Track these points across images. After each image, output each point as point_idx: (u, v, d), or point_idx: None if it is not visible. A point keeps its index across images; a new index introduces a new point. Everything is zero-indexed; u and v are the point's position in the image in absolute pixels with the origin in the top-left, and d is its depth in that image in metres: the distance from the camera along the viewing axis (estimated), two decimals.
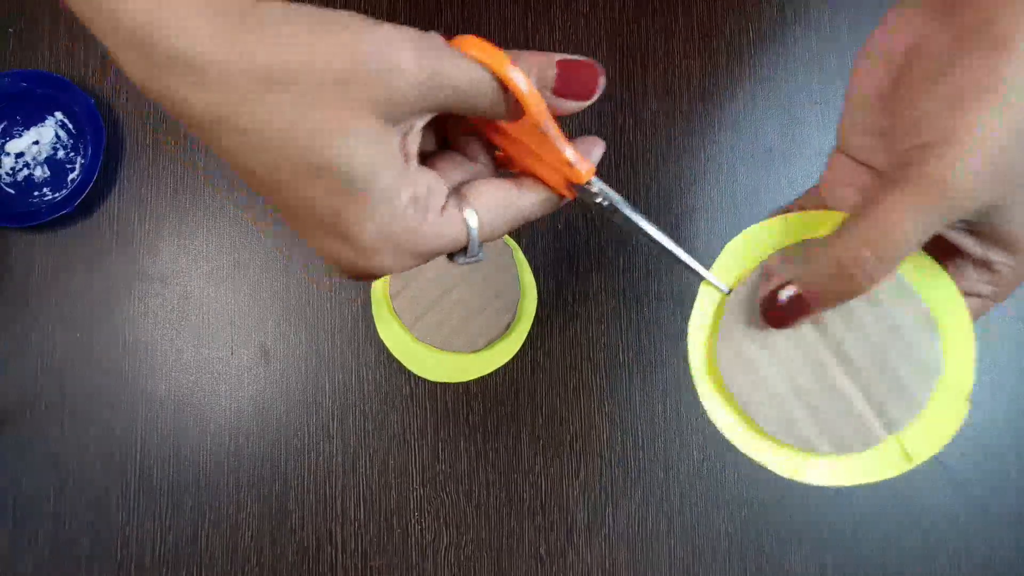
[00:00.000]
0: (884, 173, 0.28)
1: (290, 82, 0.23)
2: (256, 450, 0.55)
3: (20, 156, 0.57)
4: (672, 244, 0.30)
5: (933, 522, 0.55)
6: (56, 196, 0.57)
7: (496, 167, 0.30)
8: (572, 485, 0.55)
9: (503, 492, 0.55)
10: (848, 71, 0.61)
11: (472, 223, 0.27)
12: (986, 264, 0.29)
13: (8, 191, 0.57)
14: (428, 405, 0.56)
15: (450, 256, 0.29)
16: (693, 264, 0.31)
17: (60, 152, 0.58)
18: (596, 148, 0.29)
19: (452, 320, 0.54)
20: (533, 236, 0.57)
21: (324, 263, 0.27)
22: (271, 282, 0.57)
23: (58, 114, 0.58)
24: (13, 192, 0.57)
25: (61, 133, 0.58)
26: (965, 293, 0.30)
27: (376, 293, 0.55)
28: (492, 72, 0.26)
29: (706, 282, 0.31)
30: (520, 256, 0.56)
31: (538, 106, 0.26)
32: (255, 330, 0.56)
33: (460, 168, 0.29)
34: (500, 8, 0.59)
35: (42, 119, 0.58)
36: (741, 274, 0.31)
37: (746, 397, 0.31)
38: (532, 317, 0.55)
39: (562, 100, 0.27)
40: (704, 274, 0.31)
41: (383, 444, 0.55)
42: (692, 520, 0.55)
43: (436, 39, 0.25)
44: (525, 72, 0.26)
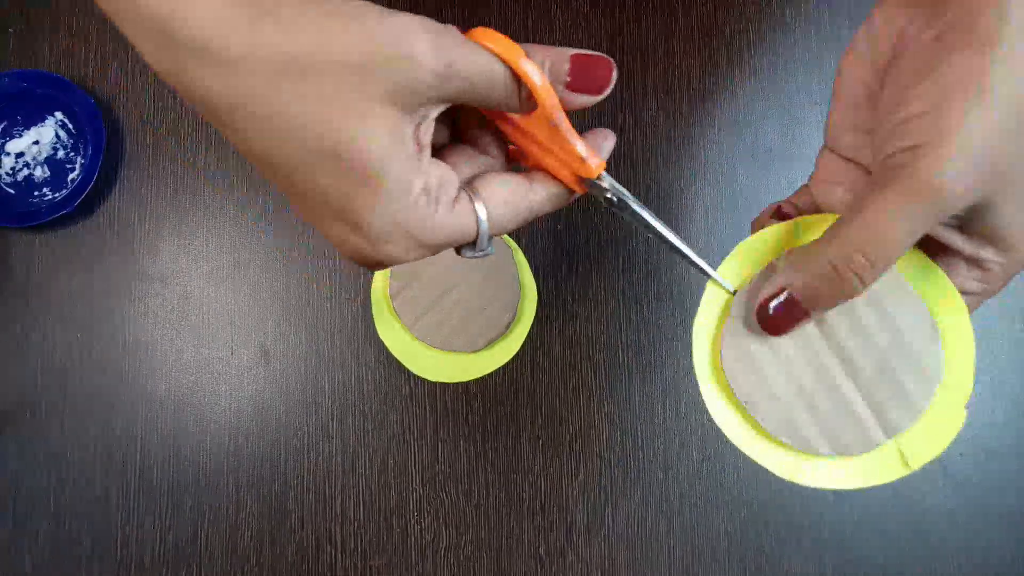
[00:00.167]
0: (872, 174, 0.28)
1: (307, 70, 0.23)
2: (256, 450, 0.55)
3: (20, 156, 0.57)
4: (680, 241, 0.30)
5: (933, 522, 0.55)
6: (56, 196, 0.57)
7: (508, 161, 0.30)
8: (572, 485, 0.55)
9: (503, 492, 0.55)
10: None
11: (482, 216, 0.27)
12: (976, 261, 0.29)
13: (8, 191, 0.57)
14: (428, 405, 0.56)
15: (458, 249, 0.29)
16: (699, 262, 0.31)
17: (60, 152, 0.58)
18: (607, 142, 0.30)
19: (452, 320, 0.54)
20: (533, 236, 0.57)
21: (335, 249, 0.27)
22: (271, 282, 0.57)
23: (58, 114, 0.58)
24: (13, 192, 0.57)
25: (61, 133, 0.58)
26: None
27: (376, 293, 0.55)
28: (506, 64, 0.26)
29: (713, 281, 0.32)
30: (520, 256, 0.56)
31: (550, 100, 0.27)
32: (255, 330, 0.56)
33: (472, 161, 0.29)
34: (501, 7, 0.59)
35: (42, 119, 0.58)
36: (749, 275, 0.32)
37: (748, 396, 0.31)
38: (532, 317, 0.55)
39: (574, 94, 0.27)
40: (710, 272, 0.31)
41: (383, 444, 0.55)
42: (691, 520, 0.55)
43: (452, 30, 0.25)
44: (539, 65, 0.26)
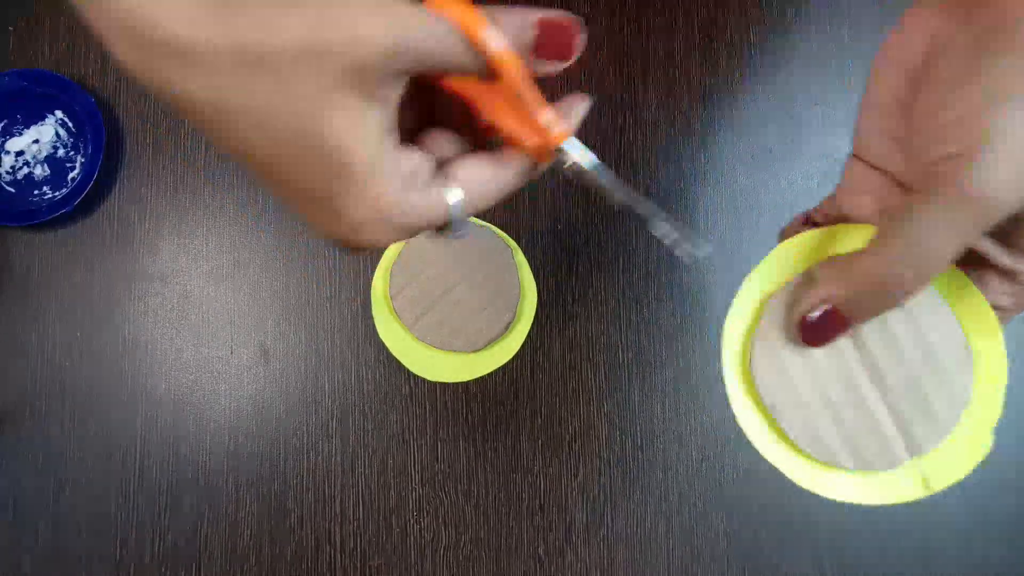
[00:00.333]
0: (912, 183, 0.27)
1: (266, 61, 0.23)
2: (255, 449, 0.55)
3: (20, 155, 0.57)
4: (644, 202, 0.30)
5: (932, 524, 0.55)
6: (56, 195, 0.57)
7: (482, 142, 0.30)
8: (571, 485, 0.55)
9: (502, 492, 0.55)
10: (848, 73, 0.61)
11: (456, 198, 0.27)
12: (1011, 275, 0.29)
13: (8, 190, 0.57)
14: (427, 405, 0.56)
15: (437, 231, 0.29)
16: (671, 223, 0.30)
17: (60, 151, 0.58)
18: (579, 105, 0.28)
19: (452, 320, 0.54)
20: (533, 236, 0.57)
21: (319, 237, 0.27)
22: (271, 281, 0.57)
23: (58, 113, 0.58)
24: (13, 191, 0.57)
25: (61, 132, 0.58)
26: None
27: (376, 293, 0.55)
28: (466, 33, 0.25)
29: (748, 278, 0.31)
30: (520, 256, 0.56)
31: (514, 69, 0.26)
32: (255, 329, 0.56)
33: (444, 144, 0.29)
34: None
35: (42, 118, 0.58)
36: (784, 281, 0.31)
37: (775, 402, 0.31)
38: (532, 317, 0.55)
39: (541, 61, 0.26)
40: (681, 242, 0.30)
41: (382, 444, 0.55)
42: (691, 521, 0.55)
43: (402, 3, 0.24)
44: (502, 32, 0.25)
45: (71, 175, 0.57)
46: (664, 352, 0.56)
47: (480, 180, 0.28)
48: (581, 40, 0.27)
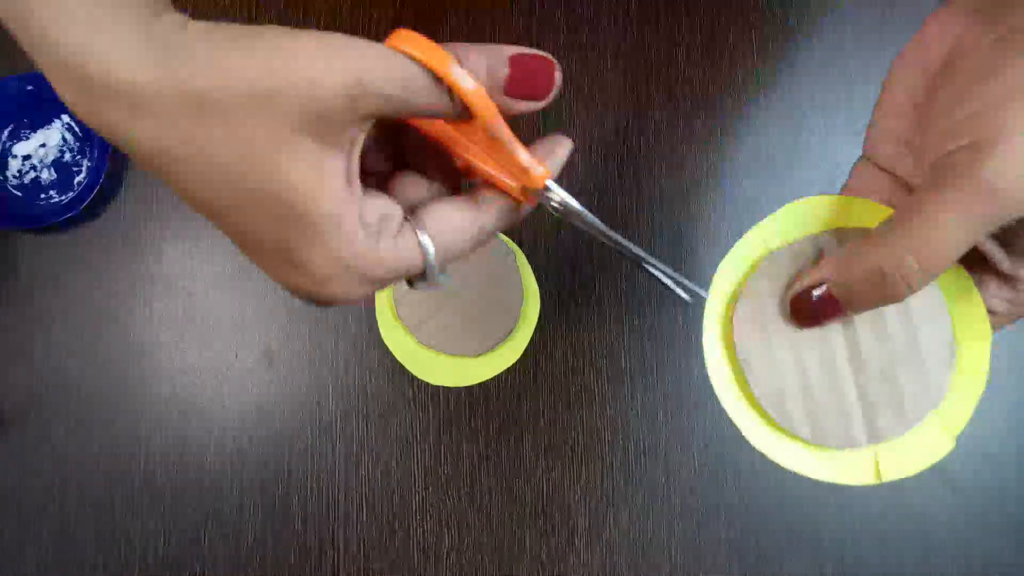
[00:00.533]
0: (925, 175, 0.27)
1: (214, 107, 0.22)
2: (259, 452, 0.55)
3: (27, 159, 0.58)
4: (635, 247, 0.29)
5: (932, 529, 0.55)
6: (62, 199, 0.57)
7: (457, 183, 0.29)
8: (573, 489, 0.55)
9: (505, 496, 0.55)
10: (850, 79, 0.61)
11: (428, 247, 0.25)
12: (1011, 280, 0.28)
13: (15, 193, 0.58)
14: (431, 409, 0.56)
15: (409, 282, 0.27)
16: (663, 268, 0.30)
17: (67, 155, 0.58)
18: (559, 148, 0.27)
19: (455, 324, 0.54)
20: (536, 240, 0.57)
21: (285, 289, 0.26)
22: (275, 286, 0.57)
23: (64, 117, 0.58)
24: (20, 194, 0.58)
25: (68, 136, 0.58)
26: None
27: (380, 297, 0.55)
28: (434, 73, 0.23)
29: (754, 228, 0.31)
30: (523, 260, 0.56)
31: (487, 109, 0.24)
32: (259, 333, 0.57)
33: (416, 188, 0.27)
34: (504, 15, 0.59)
35: (49, 122, 0.58)
36: (791, 239, 0.31)
37: (747, 356, 0.30)
38: (535, 321, 0.55)
39: (515, 100, 0.25)
40: (669, 281, 0.31)
41: (386, 447, 0.55)
42: (693, 525, 0.55)
43: (360, 42, 0.23)
44: (472, 72, 0.24)
45: (77, 179, 0.58)
46: (666, 357, 0.56)
47: (455, 226, 0.26)
48: (557, 78, 0.25)
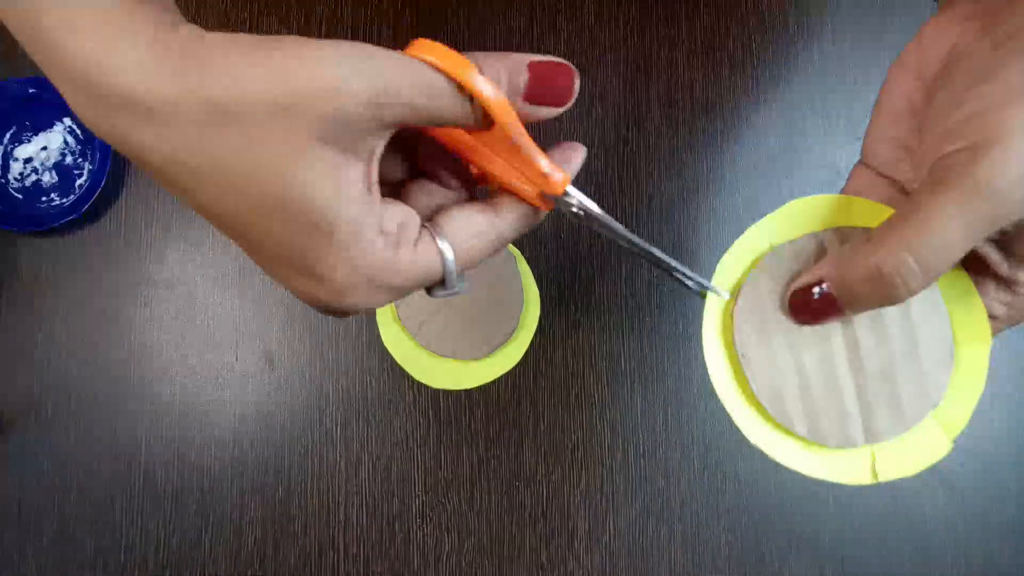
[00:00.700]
0: (924, 177, 0.27)
1: (233, 117, 0.21)
2: (259, 455, 0.56)
3: (29, 161, 0.58)
4: (658, 251, 0.29)
5: (932, 531, 0.55)
6: (64, 201, 0.57)
7: (471, 190, 0.29)
8: (573, 492, 0.55)
9: (505, 499, 0.55)
10: (849, 84, 0.61)
11: (448, 255, 0.26)
12: (1010, 284, 0.28)
13: (16, 196, 0.58)
14: (431, 412, 0.56)
15: (428, 290, 0.27)
16: (680, 268, 0.30)
17: (68, 158, 0.58)
18: (575, 155, 0.27)
19: (456, 327, 0.54)
20: (536, 244, 0.57)
21: (302, 300, 0.26)
22: (276, 288, 0.57)
23: (66, 120, 0.58)
24: (21, 197, 0.58)
25: (69, 139, 0.58)
26: None
27: None
28: (455, 81, 0.23)
29: (756, 225, 0.31)
30: (523, 264, 0.56)
31: (507, 116, 0.24)
32: (260, 336, 0.57)
33: (433, 195, 0.27)
34: (506, 18, 0.59)
35: (50, 125, 0.58)
36: (793, 236, 0.31)
37: (746, 351, 0.30)
38: (535, 325, 0.55)
39: (534, 107, 0.25)
40: (691, 282, 0.30)
41: (386, 450, 0.56)
42: (692, 528, 0.55)
43: (382, 51, 0.23)
44: (492, 79, 0.24)
45: (79, 182, 0.58)
46: (666, 360, 0.57)
47: (474, 231, 0.26)
48: (576, 84, 0.25)
